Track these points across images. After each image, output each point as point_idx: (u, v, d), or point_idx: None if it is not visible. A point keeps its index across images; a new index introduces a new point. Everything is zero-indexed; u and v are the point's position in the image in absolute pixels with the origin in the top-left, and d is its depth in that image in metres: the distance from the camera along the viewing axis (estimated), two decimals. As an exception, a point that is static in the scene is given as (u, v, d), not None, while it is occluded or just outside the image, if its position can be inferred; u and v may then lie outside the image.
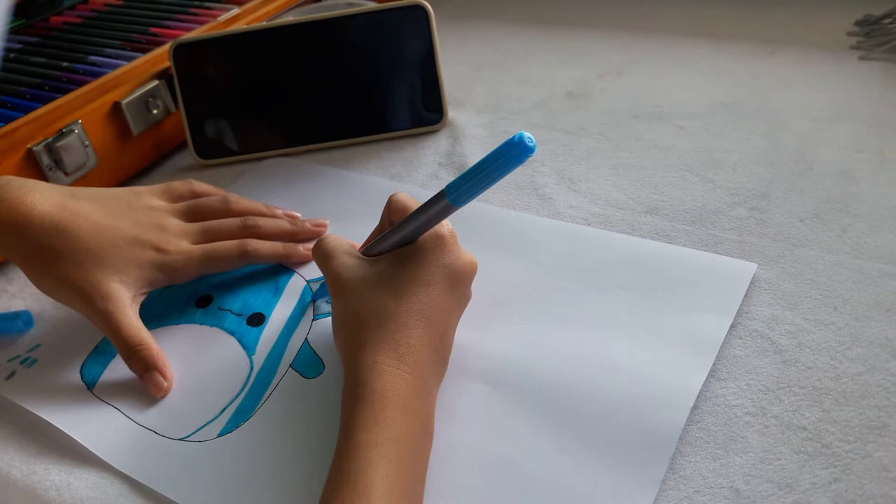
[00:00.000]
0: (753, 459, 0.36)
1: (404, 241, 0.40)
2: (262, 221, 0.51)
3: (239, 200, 0.52)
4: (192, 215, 0.50)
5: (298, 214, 0.54)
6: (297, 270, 0.51)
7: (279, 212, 0.53)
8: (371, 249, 0.42)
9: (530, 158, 0.61)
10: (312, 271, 0.50)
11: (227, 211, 0.51)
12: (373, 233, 0.45)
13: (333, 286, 0.41)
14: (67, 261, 0.43)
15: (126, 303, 0.44)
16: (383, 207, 0.43)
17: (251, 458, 0.39)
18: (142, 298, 0.46)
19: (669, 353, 0.41)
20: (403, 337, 0.37)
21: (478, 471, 0.37)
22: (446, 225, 0.41)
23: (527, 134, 0.35)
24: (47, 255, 0.43)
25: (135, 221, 0.47)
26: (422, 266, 0.39)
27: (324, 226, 0.53)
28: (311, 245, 0.52)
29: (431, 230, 0.40)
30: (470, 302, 0.42)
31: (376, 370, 0.36)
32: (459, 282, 0.41)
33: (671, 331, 0.42)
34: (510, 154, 0.35)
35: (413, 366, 0.37)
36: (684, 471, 0.36)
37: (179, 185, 0.52)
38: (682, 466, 0.36)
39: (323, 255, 0.42)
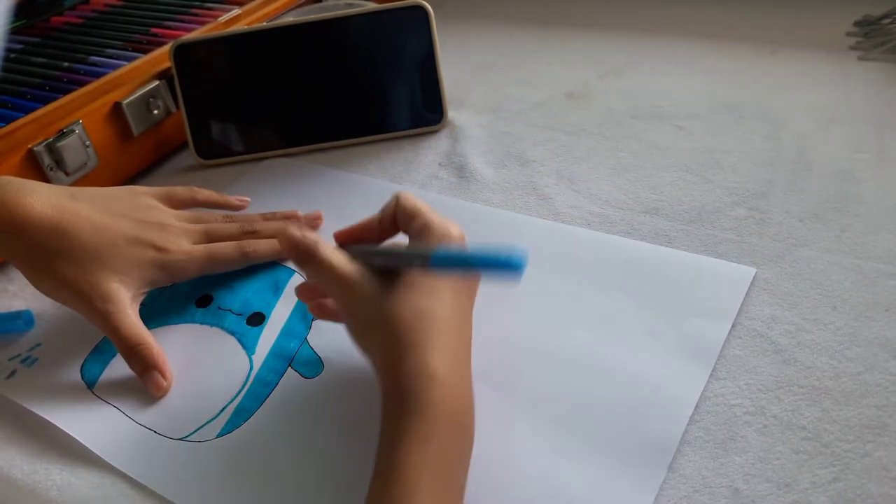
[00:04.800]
0: (753, 459, 0.36)
1: (377, 265, 0.38)
2: (259, 225, 0.51)
3: (242, 218, 0.52)
4: (193, 220, 0.50)
5: (299, 212, 0.54)
6: (297, 270, 0.51)
7: (279, 216, 0.53)
8: (359, 253, 0.38)
9: (531, 159, 0.60)
10: (312, 271, 0.50)
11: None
12: (362, 223, 0.42)
13: (344, 286, 0.37)
14: (66, 261, 0.44)
15: (126, 303, 0.44)
16: (384, 206, 0.41)
17: (250, 459, 0.39)
18: (142, 298, 0.46)
19: (668, 359, 0.41)
20: (452, 342, 0.35)
21: (477, 473, 0.37)
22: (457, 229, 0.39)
23: (520, 251, 0.30)
24: (46, 255, 0.43)
25: (135, 221, 0.47)
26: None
27: (319, 218, 0.54)
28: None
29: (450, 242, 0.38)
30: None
31: (428, 378, 0.33)
32: (472, 296, 0.39)
33: (670, 336, 0.42)
34: (499, 266, 0.31)
35: (461, 375, 0.35)
36: (684, 470, 0.36)
37: (181, 192, 0.52)
38: (682, 466, 0.36)
39: (308, 250, 0.37)
